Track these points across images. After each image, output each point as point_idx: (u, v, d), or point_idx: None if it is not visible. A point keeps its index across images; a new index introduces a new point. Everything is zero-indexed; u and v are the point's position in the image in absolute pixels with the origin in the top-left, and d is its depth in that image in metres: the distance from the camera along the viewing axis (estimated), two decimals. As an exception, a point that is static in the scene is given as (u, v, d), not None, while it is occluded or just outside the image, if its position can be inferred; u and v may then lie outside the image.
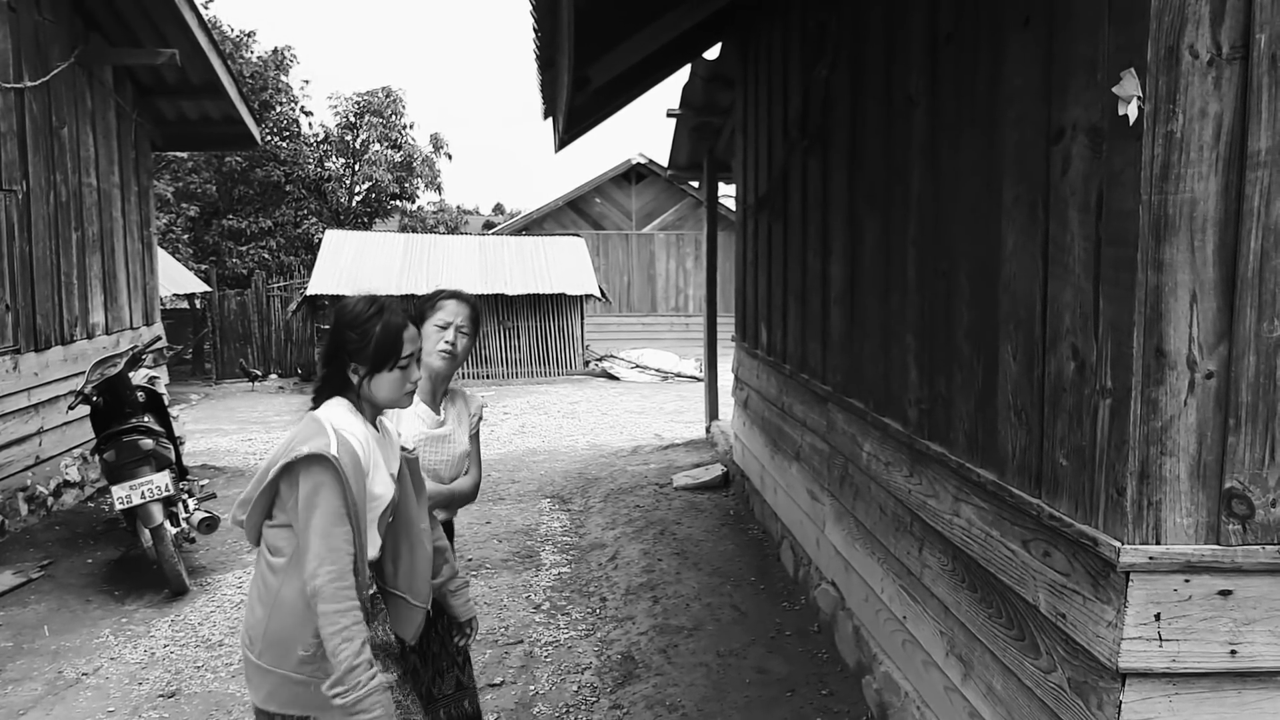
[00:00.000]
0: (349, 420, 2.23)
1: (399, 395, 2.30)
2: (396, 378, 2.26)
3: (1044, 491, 2.37)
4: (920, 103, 3.17)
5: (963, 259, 2.85)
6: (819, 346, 4.51)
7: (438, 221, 32.39)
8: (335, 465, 2.10)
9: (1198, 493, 2.01)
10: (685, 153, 9.32)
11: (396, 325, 2.25)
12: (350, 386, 2.27)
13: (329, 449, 2.11)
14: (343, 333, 2.25)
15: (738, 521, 6.33)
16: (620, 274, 25.40)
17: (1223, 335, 1.98)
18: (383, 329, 2.23)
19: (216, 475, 8.99)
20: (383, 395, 2.28)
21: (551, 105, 5.91)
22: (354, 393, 2.28)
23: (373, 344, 2.22)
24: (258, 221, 26.31)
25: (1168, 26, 1.92)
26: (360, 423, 2.26)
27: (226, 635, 4.82)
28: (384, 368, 2.24)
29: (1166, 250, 1.96)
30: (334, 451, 2.11)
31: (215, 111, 9.35)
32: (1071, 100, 2.20)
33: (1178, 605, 2.01)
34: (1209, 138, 1.94)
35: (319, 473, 2.11)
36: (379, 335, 2.22)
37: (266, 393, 17.41)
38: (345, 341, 2.25)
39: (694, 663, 4.19)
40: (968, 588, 2.82)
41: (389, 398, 2.29)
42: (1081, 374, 2.17)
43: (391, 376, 2.26)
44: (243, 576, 5.74)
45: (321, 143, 29.14)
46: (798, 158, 4.85)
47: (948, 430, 2.98)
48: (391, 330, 2.24)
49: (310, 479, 2.11)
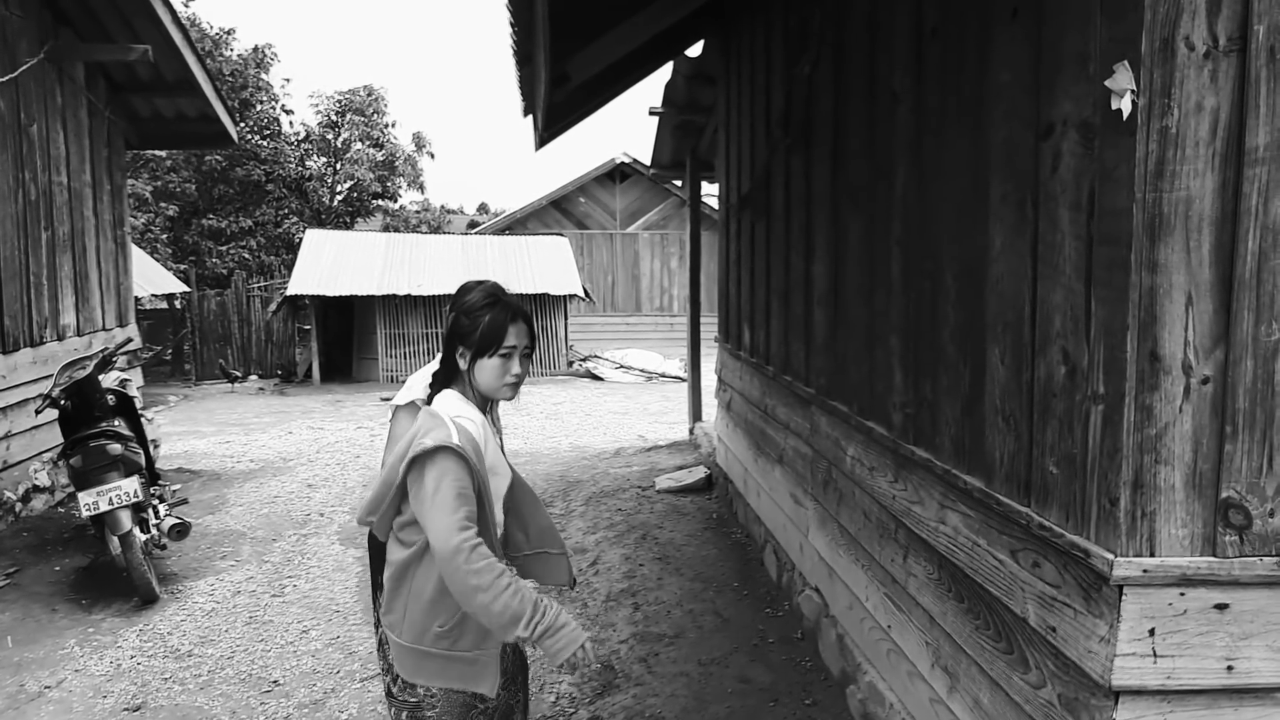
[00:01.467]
0: (463, 407, 2.40)
1: (499, 384, 2.43)
2: (497, 365, 2.41)
3: (1033, 500, 2.29)
4: (905, 99, 3.08)
5: (949, 259, 2.77)
6: (802, 348, 4.43)
7: (420, 221, 32.22)
8: (459, 453, 2.26)
9: (1193, 503, 1.93)
10: (668, 151, 9.23)
11: (502, 317, 2.41)
12: (460, 374, 2.45)
13: (450, 439, 2.26)
14: (458, 318, 2.44)
15: (720, 525, 6.24)
16: (604, 274, 25.30)
17: (1219, 339, 1.90)
18: (490, 318, 2.40)
19: (192, 479, 8.83)
20: (484, 381, 2.43)
21: (530, 102, 5.81)
22: (463, 381, 2.46)
23: (479, 331, 2.39)
24: (238, 221, 26.07)
25: (1162, 17, 1.84)
26: (474, 409, 2.43)
27: (196, 645, 4.70)
28: (486, 354, 2.39)
29: (1161, 250, 1.88)
30: (456, 441, 2.26)
31: (191, 109, 9.19)
32: (1062, 95, 2.12)
33: (1173, 620, 1.93)
34: (1205, 133, 1.86)
35: (443, 460, 2.25)
36: (486, 324, 2.39)
37: (246, 394, 17.21)
38: (458, 327, 2.43)
39: (675, 672, 4.10)
40: (954, 598, 2.74)
41: (489, 384, 2.43)
42: (1073, 379, 2.09)
43: (492, 363, 2.40)
44: (215, 584, 5.62)
45: (303, 141, 28.92)
46: (780, 156, 4.77)
47: (933, 435, 2.90)
48: (498, 320, 2.40)
49: (435, 467, 2.25)
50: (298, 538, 6.67)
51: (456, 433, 2.28)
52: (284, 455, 10.14)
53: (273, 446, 10.76)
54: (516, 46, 4.48)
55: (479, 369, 2.41)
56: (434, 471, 2.24)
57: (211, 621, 5.03)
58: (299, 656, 4.55)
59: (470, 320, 2.41)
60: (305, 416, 13.48)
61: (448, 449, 2.25)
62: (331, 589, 5.53)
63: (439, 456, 2.25)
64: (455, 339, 2.43)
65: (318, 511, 7.45)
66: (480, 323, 2.39)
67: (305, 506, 7.65)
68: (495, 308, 2.41)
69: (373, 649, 4.58)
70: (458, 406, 2.40)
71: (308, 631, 4.87)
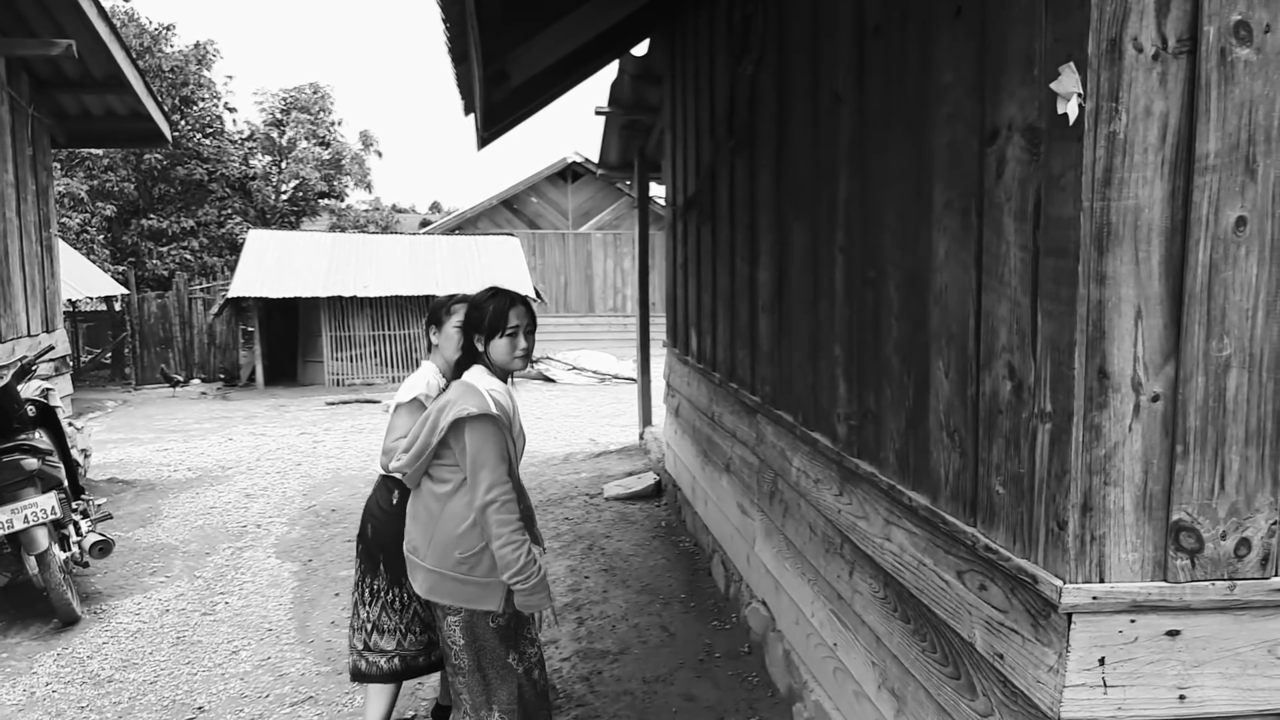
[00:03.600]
0: (492, 381, 2.92)
1: (510, 358, 2.94)
2: (506, 344, 2.92)
3: (979, 520, 2.19)
4: (848, 100, 2.98)
5: (892, 268, 2.67)
6: (748, 356, 4.32)
7: (369, 220, 31.73)
8: (496, 419, 2.80)
9: (1144, 525, 1.85)
10: (616, 151, 9.10)
11: (504, 304, 2.94)
12: (480, 355, 2.96)
13: (490, 408, 2.79)
14: (469, 312, 2.99)
15: (669, 533, 6.13)
16: (557, 274, 25.11)
17: (1169, 355, 1.81)
18: (494, 307, 2.92)
19: (125, 489, 8.52)
20: (498, 357, 2.93)
21: (469, 101, 5.64)
22: (483, 360, 2.95)
23: (487, 318, 2.91)
24: (179, 221, 25.40)
25: (1110, 16, 1.75)
26: (499, 382, 2.94)
27: (118, 669, 4.46)
28: (496, 335, 2.91)
29: (1110, 262, 1.79)
30: (494, 409, 2.79)
31: (121, 107, 8.88)
32: (1007, 97, 2.03)
33: (1123, 648, 1.85)
34: (1154, 139, 1.78)
35: (484, 426, 2.78)
36: (491, 311, 2.92)
37: (188, 398, 16.76)
38: (470, 318, 2.97)
39: (618, 691, 3.97)
40: (900, 618, 2.64)
41: (502, 359, 2.94)
42: (1019, 395, 2.00)
43: (503, 342, 2.92)
44: (141, 602, 5.38)
45: (246, 140, 28.28)
46: (725, 158, 4.66)
47: (878, 449, 2.80)
48: (500, 307, 2.92)
49: (478, 431, 2.78)
50: (232, 551, 6.44)
51: (492, 404, 2.81)
52: (223, 463, 9.84)
53: (212, 454, 10.45)
54: (451, 43, 4.31)
55: (493, 349, 2.92)
56: (478, 435, 2.77)
57: (135, 643, 4.80)
58: (227, 680, 4.35)
59: (479, 311, 2.94)
60: (247, 422, 13.14)
61: (489, 416, 2.78)
62: (265, 606, 5.32)
63: (482, 422, 2.78)
64: (470, 328, 2.96)
65: (255, 523, 7.20)
66: (487, 311, 2.92)
67: (242, 518, 7.40)
68: (497, 298, 2.95)
69: (304, 670, 4.40)
70: (487, 381, 2.90)
71: (238, 652, 4.66)
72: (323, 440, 11.30)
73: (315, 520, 7.23)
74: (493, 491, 2.76)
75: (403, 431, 3.21)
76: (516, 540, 2.76)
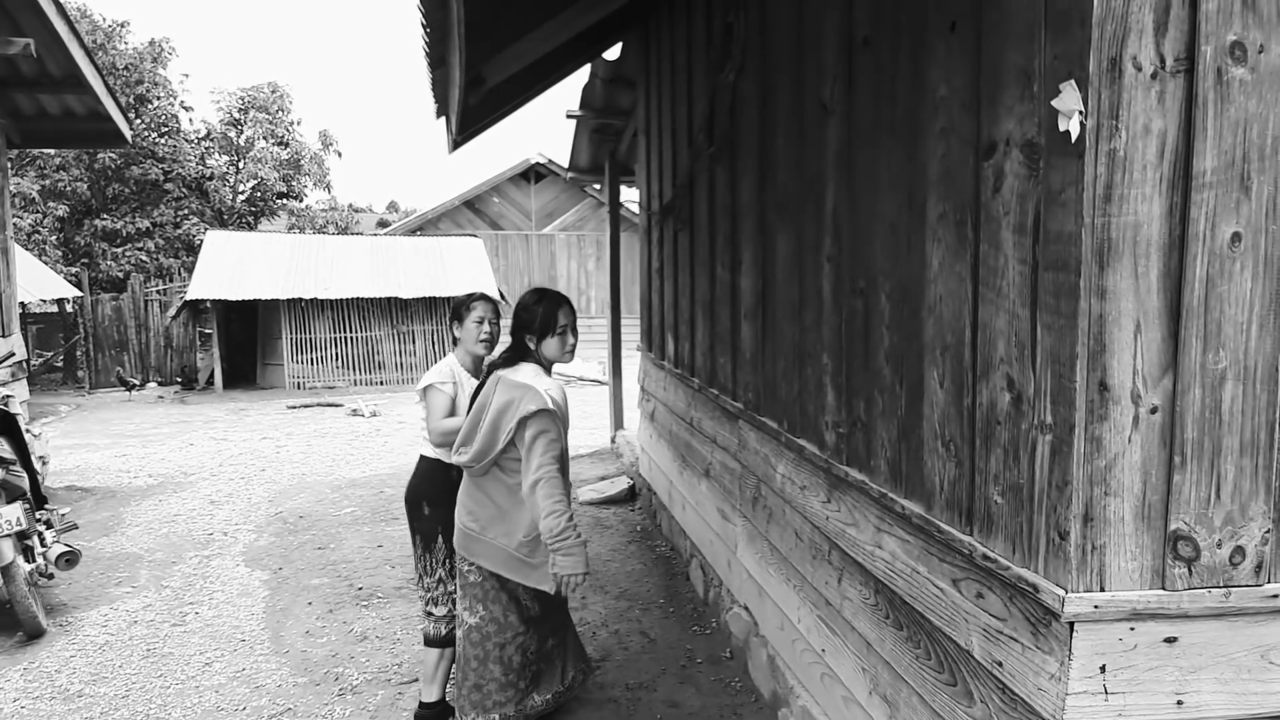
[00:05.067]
0: (547, 381, 3.29)
1: (560, 354, 3.37)
2: (557, 342, 3.35)
3: (976, 529, 2.22)
4: (836, 110, 3.01)
5: (883, 278, 2.70)
6: (729, 362, 4.34)
7: (328, 221, 31.36)
8: (554, 412, 3.22)
9: (1142, 535, 1.88)
10: (586, 155, 9.08)
11: (553, 306, 3.33)
12: (529, 352, 3.35)
13: (548, 404, 3.20)
14: (518, 314, 3.37)
15: (645, 538, 6.13)
16: (520, 275, 25.01)
17: (1166, 368, 1.85)
18: (544, 309, 3.32)
19: (84, 496, 8.35)
20: (549, 354, 3.36)
21: (443, 105, 5.60)
22: (532, 357, 3.35)
23: (538, 320, 3.31)
24: (134, 222, 24.90)
25: (1110, 35, 1.78)
26: (550, 379, 3.33)
27: (87, 684, 4.37)
28: (548, 334, 3.32)
29: (1110, 277, 1.82)
30: (550, 405, 3.20)
31: (80, 107, 8.69)
32: (1005, 113, 2.05)
33: (1123, 655, 1.88)
34: (1153, 156, 1.81)
35: (543, 420, 3.20)
36: (541, 313, 3.32)
37: (145, 402, 16.46)
38: (520, 320, 3.36)
39: (602, 699, 3.96)
40: (892, 624, 2.67)
41: (554, 355, 3.36)
42: (1018, 407, 2.03)
43: (554, 341, 3.34)
44: (109, 614, 5.27)
45: (203, 139, 27.80)
46: (704, 164, 4.67)
47: (868, 457, 2.83)
48: (551, 309, 3.32)
49: (537, 424, 3.19)
50: (200, 560, 6.33)
51: (549, 400, 3.21)
52: (185, 469, 9.67)
53: (173, 460, 10.27)
54: (429, 49, 4.28)
55: (545, 346, 3.33)
56: (535, 426, 3.18)
57: (104, 656, 4.70)
58: (201, 693, 4.27)
59: (529, 314, 3.33)
60: (207, 426, 12.93)
61: (548, 411, 3.19)
62: (236, 616, 5.23)
63: (540, 416, 3.18)
64: (520, 328, 3.36)
65: (221, 531, 7.09)
66: (537, 314, 3.32)
67: (208, 525, 7.28)
68: (544, 301, 3.34)
69: (280, 682, 4.33)
70: (543, 381, 3.28)
71: (210, 664, 4.58)
72: (286, 445, 11.15)
73: (283, 527, 7.13)
74: (541, 470, 3.16)
75: (443, 410, 3.64)
76: (559, 510, 3.16)
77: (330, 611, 5.23)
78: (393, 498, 8.03)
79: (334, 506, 7.79)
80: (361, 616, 5.13)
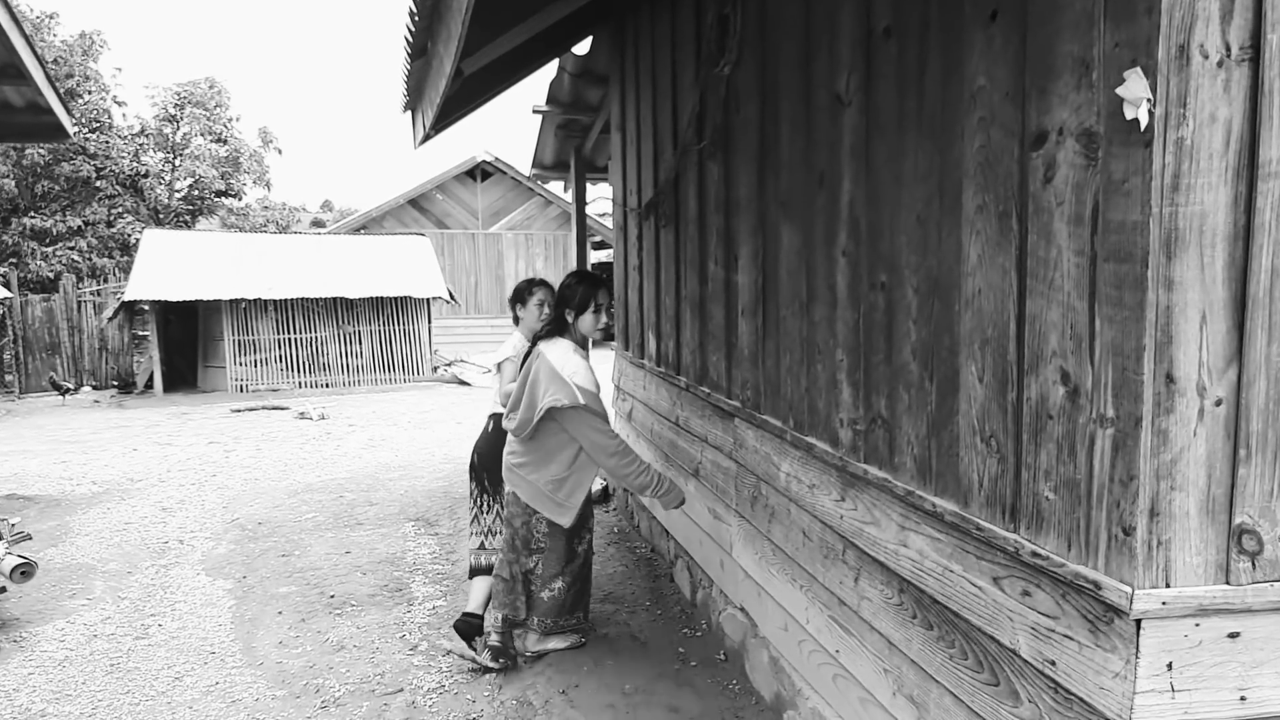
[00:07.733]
0: (575, 363, 3.95)
1: (594, 329, 4.09)
2: (593, 318, 4.09)
3: (1022, 526, 2.18)
4: (852, 102, 2.96)
5: (909, 271, 2.65)
6: (723, 360, 4.27)
7: (266, 220, 30.68)
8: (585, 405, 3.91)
9: (1207, 529, 1.86)
10: (551, 151, 8.95)
11: (591, 288, 4.07)
12: (567, 327, 4.07)
13: (579, 399, 3.88)
14: (561, 292, 4.12)
15: (624, 539, 6.04)
16: (467, 274, 24.74)
17: (1231, 359, 1.83)
18: (584, 289, 4.06)
19: (26, 505, 8.00)
20: (585, 328, 4.09)
21: (415, 98, 5.46)
22: (569, 331, 4.07)
23: (578, 298, 4.05)
24: (65, 220, 24.05)
25: (1179, 22, 1.75)
26: (581, 356, 4.01)
27: (50, 702, 4.15)
28: (586, 310, 4.06)
29: (1177, 267, 1.79)
30: (581, 400, 3.89)
31: (17, 98, 8.29)
32: (1057, 102, 2.02)
33: (1189, 651, 1.85)
34: (1219, 145, 1.79)
35: (576, 414, 3.92)
36: (581, 292, 4.06)
37: (81, 407, 15.89)
38: (563, 298, 4.09)
39: (600, 704, 3.87)
40: (920, 624, 2.62)
41: (589, 329, 4.09)
42: (1074, 401, 1.99)
43: (589, 317, 4.08)
44: (65, 628, 5.02)
45: (137, 135, 26.98)
46: (693, 160, 4.60)
47: (891, 454, 2.78)
48: (590, 289, 4.07)
49: (573, 419, 3.94)
50: (157, 569, 6.08)
51: (578, 391, 3.88)
52: (130, 476, 9.33)
53: (117, 466, 9.90)
54: (412, 38, 4.15)
55: (581, 321, 4.07)
56: (575, 421, 3.93)
57: (66, 672, 4.47)
58: (174, 709, 4.07)
59: (570, 291, 4.06)
60: (149, 431, 12.51)
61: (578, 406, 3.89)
62: (203, 627, 5.02)
63: (574, 411, 3.90)
64: (562, 304, 4.09)
65: (176, 538, 6.83)
66: (578, 292, 4.05)
67: (162, 533, 7.01)
68: (584, 283, 4.08)
69: (258, 695, 4.16)
70: (571, 364, 3.93)
71: (181, 679, 4.38)
72: (234, 450, 10.83)
73: (242, 534, 6.89)
74: (607, 448, 3.95)
75: (512, 377, 4.31)
76: (639, 470, 3.99)
77: (303, 621, 5.05)
78: (354, 503, 7.82)
79: (293, 512, 7.56)
80: (336, 625, 4.96)
